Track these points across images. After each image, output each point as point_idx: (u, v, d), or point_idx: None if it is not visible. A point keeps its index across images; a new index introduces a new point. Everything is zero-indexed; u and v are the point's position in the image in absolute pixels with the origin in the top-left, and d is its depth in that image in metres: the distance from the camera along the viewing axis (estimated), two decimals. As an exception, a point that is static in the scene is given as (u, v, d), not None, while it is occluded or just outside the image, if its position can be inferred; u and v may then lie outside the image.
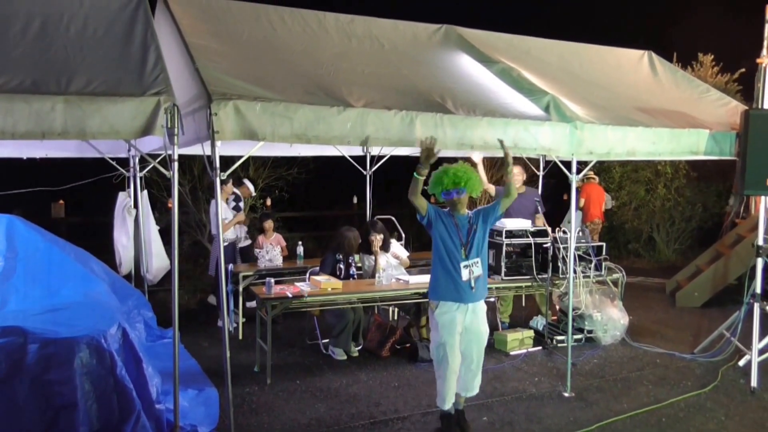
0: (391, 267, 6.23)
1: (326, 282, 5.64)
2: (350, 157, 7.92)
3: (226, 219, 7.25)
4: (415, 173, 4.06)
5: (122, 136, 3.65)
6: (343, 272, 6.24)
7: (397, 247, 6.81)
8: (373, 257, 6.38)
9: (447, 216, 4.26)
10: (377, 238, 6.33)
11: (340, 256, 6.29)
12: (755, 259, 5.46)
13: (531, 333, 6.41)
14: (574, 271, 5.81)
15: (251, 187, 8.40)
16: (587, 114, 5.03)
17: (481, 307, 4.32)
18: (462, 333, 4.24)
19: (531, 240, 6.19)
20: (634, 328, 6.82)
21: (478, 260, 4.24)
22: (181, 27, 4.63)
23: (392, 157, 8.01)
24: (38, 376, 3.70)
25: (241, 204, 8.08)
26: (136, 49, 4.10)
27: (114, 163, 7.01)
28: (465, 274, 4.19)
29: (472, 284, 4.21)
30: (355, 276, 6.43)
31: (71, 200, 10.46)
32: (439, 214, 4.25)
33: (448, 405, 4.33)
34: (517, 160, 7.32)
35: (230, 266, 6.75)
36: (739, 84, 12.27)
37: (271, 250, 7.01)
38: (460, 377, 4.33)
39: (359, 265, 6.83)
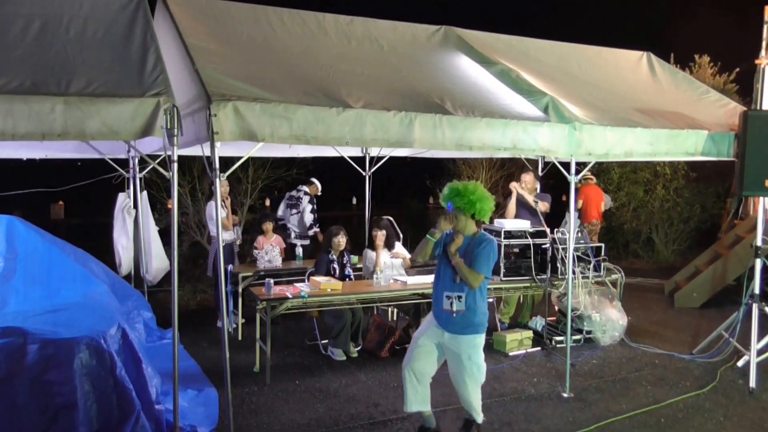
0: (392, 267, 6.24)
1: (326, 283, 5.65)
2: (349, 158, 7.93)
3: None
4: (428, 234, 4.01)
5: (122, 137, 3.66)
6: (337, 272, 6.25)
7: (400, 247, 6.81)
8: (375, 253, 6.39)
9: (448, 237, 4.13)
10: (379, 234, 6.37)
11: (333, 256, 6.30)
12: (754, 259, 5.48)
13: (530, 333, 6.42)
14: (573, 272, 5.82)
15: (319, 185, 8.55)
16: (586, 115, 5.04)
17: (463, 340, 4.02)
18: (447, 357, 4.12)
19: (530, 241, 6.19)
20: (633, 328, 6.83)
21: (462, 295, 4.00)
22: (181, 28, 4.64)
23: (391, 158, 8.02)
24: (38, 376, 3.70)
25: (314, 205, 8.30)
26: (136, 50, 4.11)
27: (114, 164, 7.03)
28: (446, 304, 4.03)
29: (453, 314, 4.01)
30: (351, 276, 6.44)
31: (71, 201, 10.48)
32: (441, 241, 4.11)
33: (407, 408, 4.15)
34: (530, 166, 7.35)
35: (230, 267, 6.76)
36: (735, 84, 12.31)
37: (271, 251, 7.02)
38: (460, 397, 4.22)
39: (359, 265, 6.84)
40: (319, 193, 8.50)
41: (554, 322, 6.67)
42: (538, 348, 6.31)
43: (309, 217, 8.14)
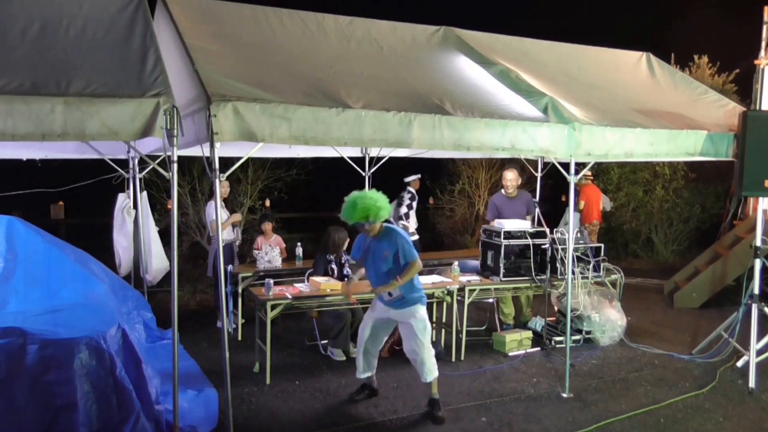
0: None
1: (325, 283, 5.65)
2: (349, 158, 7.94)
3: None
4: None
5: (122, 138, 3.66)
6: (336, 272, 6.25)
7: None
8: None
9: (364, 240, 4.74)
10: None
11: (331, 257, 6.30)
12: (753, 260, 5.48)
13: (529, 334, 6.42)
14: (573, 272, 5.82)
15: (418, 176, 8.83)
16: (585, 115, 5.04)
17: (406, 310, 4.66)
18: (397, 327, 4.80)
19: (529, 241, 6.20)
20: (633, 328, 6.83)
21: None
22: (181, 29, 4.65)
23: (391, 159, 8.03)
24: (38, 377, 3.70)
25: (415, 203, 8.55)
26: (136, 50, 4.11)
27: (113, 164, 7.03)
28: (384, 295, 4.66)
29: (392, 300, 4.67)
30: (350, 276, 6.43)
31: (71, 201, 10.47)
32: (360, 246, 4.80)
33: (359, 374, 4.93)
34: (513, 163, 7.34)
35: (229, 267, 6.76)
36: (734, 84, 12.31)
37: (270, 251, 7.02)
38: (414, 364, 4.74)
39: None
40: (418, 177, 8.86)
41: (554, 323, 6.68)
42: (538, 348, 6.31)
43: (401, 210, 8.44)
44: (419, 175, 8.83)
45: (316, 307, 5.86)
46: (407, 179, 8.82)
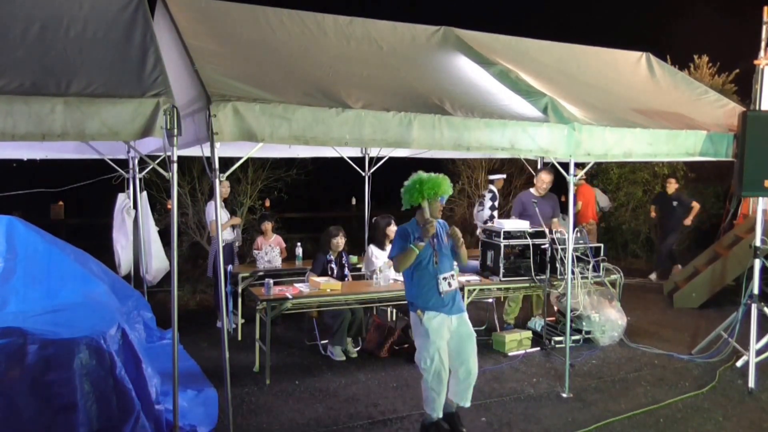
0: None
1: (325, 283, 5.66)
2: (349, 158, 7.94)
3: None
4: (412, 245, 4.15)
5: (121, 138, 3.66)
6: (335, 272, 6.25)
7: None
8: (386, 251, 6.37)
9: (415, 231, 4.33)
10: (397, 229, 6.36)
11: (331, 257, 6.30)
12: (753, 260, 5.48)
13: (529, 334, 6.42)
14: (572, 272, 5.82)
15: (501, 176, 8.77)
16: (585, 115, 5.05)
17: (464, 316, 4.36)
18: (450, 341, 4.27)
19: (529, 241, 6.20)
20: (632, 328, 6.84)
21: (454, 273, 4.34)
22: (181, 29, 4.65)
23: (391, 159, 8.03)
24: (38, 376, 3.71)
25: (497, 203, 8.44)
26: (136, 50, 4.11)
27: (113, 164, 7.03)
28: (443, 285, 4.23)
29: (451, 292, 4.29)
30: (349, 276, 6.44)
31: (71, 201, 10.49)
32: (410, 239, 4.28)
33: (438, 414, 4.30)
34: (548, 166, 7.30)
35: (229, 267, 6.76)
36: (735, 84, 12.31)
37: (270, 251, 7.02)
38: (455, 385, 4.36)
39: (359, 265, 6.83)
40: (502, 177, 8.70)
41: (553, 323, 6.68)
42: (538, 348, 6.31)
43: (486, 213, 8.32)
44: (504, 176, 8.66)
45: (316, 307, 5.86)
46: (491, 177, 8.73)
